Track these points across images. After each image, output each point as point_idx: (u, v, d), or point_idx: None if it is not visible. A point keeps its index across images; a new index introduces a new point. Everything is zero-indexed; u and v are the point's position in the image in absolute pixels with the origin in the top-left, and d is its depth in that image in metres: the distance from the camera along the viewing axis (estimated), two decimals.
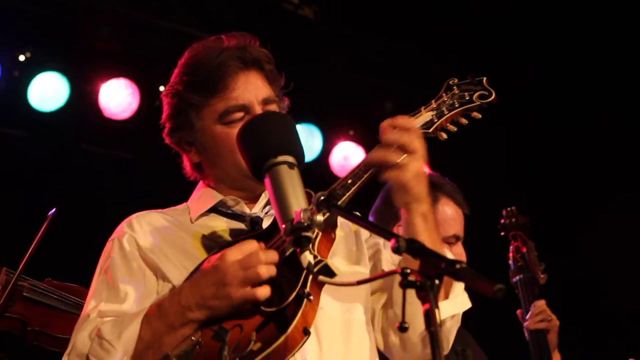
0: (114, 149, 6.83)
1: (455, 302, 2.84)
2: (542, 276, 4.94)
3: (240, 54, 2.96)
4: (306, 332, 2.52)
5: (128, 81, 6.41)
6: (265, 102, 2.95)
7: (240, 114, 2.91)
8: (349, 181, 2.72)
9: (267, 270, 2.54)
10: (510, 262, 5.05)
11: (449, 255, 2.87)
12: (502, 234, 5.15)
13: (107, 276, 2.86)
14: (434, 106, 2.89)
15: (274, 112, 2.96)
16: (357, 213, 3.06)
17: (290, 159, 2.57)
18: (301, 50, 6.83)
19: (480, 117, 2.91)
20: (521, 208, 5.19)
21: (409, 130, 2.71)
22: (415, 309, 2.10)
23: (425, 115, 2.86)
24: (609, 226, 6.82)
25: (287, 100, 3.11)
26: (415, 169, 2.69)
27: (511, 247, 5.07)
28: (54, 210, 4.12)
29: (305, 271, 2.50)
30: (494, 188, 6.89)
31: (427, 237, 2.71)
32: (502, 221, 5.16)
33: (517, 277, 4.96)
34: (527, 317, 4.77)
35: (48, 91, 6.20)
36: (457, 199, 4.27)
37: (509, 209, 5.15)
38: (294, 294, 2.52)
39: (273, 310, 2.53)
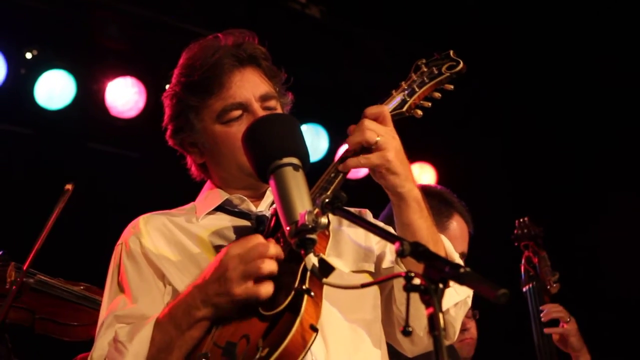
0: (120, 148, 6.82)
1: (457, 290, 2.81)
2: (554, 285, 4.97)
3: (234, 51, 2.94)
4: (314, 329, 2.49)
5: (135, 80, 6.41)
6: (264, 98, 2.94)
7: (238, 112, 2.90)
8: (332, 174, 2.72)
9: (268, 264, 2.52)
10: (522, 272, 5.08)
11: (446, 242, 2.88)
12: (516, 244, 5.17)
13: (119, 280, 2.86)
14: (405, 87, 2.89)
15: (279, 113, 2.95)
16: (368, 210, 3.07)
17: (295, 160, 2.55)
18: (308, 50, 6.83)
19: (452, 88, 2.91)
20: (536, 217, 5.21)
21: (378, 116, 2.73)
22: (418, 306, 2.11)
23: (397, 97, 2.87)
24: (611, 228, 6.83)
25: (291, 95, 3.10)
26: (395, 146, 2.69)
27: (523, 258, 5.09)
28: (71, 185, 4.10)
29: (302, 267, 2.48)
30: (504, 200, 6.91)
31: (424, 228, 2.73)
32: (515, 232, 5.19)
33: (528, 287, 4.99)
34: (543, 315, 4.79)
35: (55, 89, 6.20)
36: (467, 218, 4.34)
37: (521, 219, 5.19)
38: (294, 291, 2.50)
39: (275, 313, 2.51)
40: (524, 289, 5.01)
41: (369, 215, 3.07)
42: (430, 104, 2.90)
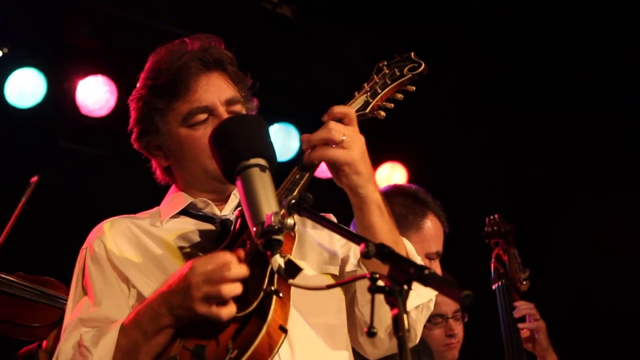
0: (91, 146, 6.80)
1: (419, 293, 2.82)
2: (524, 283, 4.98)
3: (201, 55, 2.95)
4: (283, 330, 2.50)
5: (106, 78, 6.39)
6: (229, 102, 2.94)
7: (203, 116, 2.91)
8: (297, 176, 2.73)
9: (230, 288, 2.51)
10: (492, 269, 5.09)
11: (408, 244, 2.89)
12: (486, 242, 5.19)
13: (83, 284, 2.86)
14: (367, 89, 2.92)
15: (246, 114, 2.96)
16: (332, 215, 3.08)
17: (261, 161, 2.56)
18: (280, 49, 6.83)
19: (414, 89, 2.94)
20: (508, 214, 5.22)
21: (344, 117, 2.74)
22: (379, 307, 2.13)
23: (360, 99, 2.89)
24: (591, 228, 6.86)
25: (256, 100, 3.11)
26: (360, 147, 2.71)
27: (493, 255, 5.11)
28: (36, 176, 4.07)
29: (270, 269, 2.48)
30: (476, 197, 6.94)
31: (386, 230, 2.75)
32: (486, 229, 5.20)
33: (497, 284, 5.01)
34: (515, 313, 4.81)
35: (25, 87, 6.18)
36: (442, 217, 4.33)
37: (491, 217, 5.19)
38: (262, 293, 2.51)
39: (244, 314, 2.51)
40: (494, 287, 5.03)
41: (333, 220, 3.07)
42: (392, 105, 2.92)
